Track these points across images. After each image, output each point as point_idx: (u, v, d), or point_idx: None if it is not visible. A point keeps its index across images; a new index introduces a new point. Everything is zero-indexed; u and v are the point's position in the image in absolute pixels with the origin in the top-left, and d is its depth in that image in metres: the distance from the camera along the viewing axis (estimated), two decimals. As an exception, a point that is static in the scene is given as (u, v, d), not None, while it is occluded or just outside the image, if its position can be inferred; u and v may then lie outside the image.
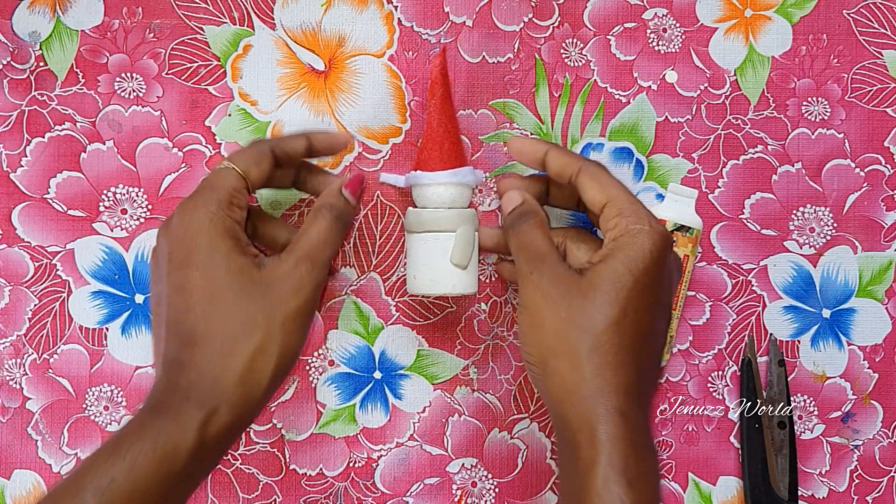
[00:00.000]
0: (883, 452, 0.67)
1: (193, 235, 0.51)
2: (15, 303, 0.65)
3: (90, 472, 0.46)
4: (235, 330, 0.50)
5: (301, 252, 0.53)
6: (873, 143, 0.67)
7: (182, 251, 0.52)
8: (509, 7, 0.66)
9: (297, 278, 0.52)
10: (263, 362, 0.51)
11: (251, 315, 0.50)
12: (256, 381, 0.51)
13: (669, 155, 0.66)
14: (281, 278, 0.52)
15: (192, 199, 0.53)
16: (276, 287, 0.51)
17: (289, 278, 0.52)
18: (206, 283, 0.51)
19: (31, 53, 0.65)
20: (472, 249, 0.59)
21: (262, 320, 0.51)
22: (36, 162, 0.65)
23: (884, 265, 0.67)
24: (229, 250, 0.51)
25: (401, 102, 0.65)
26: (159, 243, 0.54)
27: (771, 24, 0.66)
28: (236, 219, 0.53)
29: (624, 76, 0.66)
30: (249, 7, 0.65)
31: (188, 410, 0.48)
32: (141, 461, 0.47)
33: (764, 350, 0.67)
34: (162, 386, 0.50)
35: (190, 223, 0.52)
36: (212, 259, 0.51)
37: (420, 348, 0.66)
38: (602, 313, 0.50)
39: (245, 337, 0.50)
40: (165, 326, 0.52)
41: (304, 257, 0.53)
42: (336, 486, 0.66)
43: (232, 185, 0.54)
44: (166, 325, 0.52)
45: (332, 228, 0.55)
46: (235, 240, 0.52)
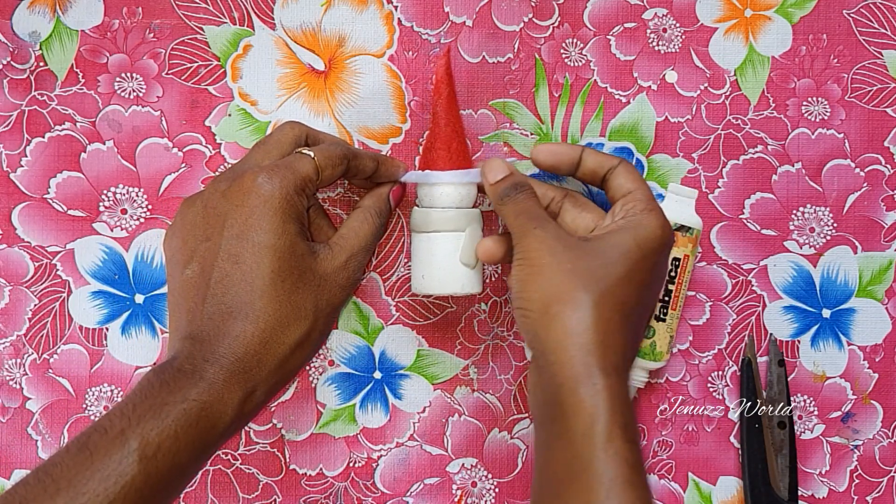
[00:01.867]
0: (883, 452, 0.67)
1: (265, 210, 0.51)
2: (15, 303, 0.65)
3: (134, 433, 0.46)
4: (289, 314, 0.51)
5: (352, 250, 0.55)
6: (873, 143, 0.67)
7: (247, 220, 0.51)
8: (509, 7, 0.66)
9: (346, 275, 0.54)
10: (301, 351, 0.52)
11: (303, 303, 0.52)
12: (291, 367, 0.52)
13: (669, 155, 0.66)
14: (335, 272, 0.54)
15: (268, 173, 0.53)
16: (329, 280, 0.53)
17: (340, 273, 0.54)
18: (269, 261, 0.51)
19: (31, 53, 0.65)
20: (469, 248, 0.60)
21: (311, 310, 0.52)
22: (36, 162, 0.65)
23: (884, 265, 0.67)
24: (296, 234, 0.52)
25: (401, 102, 0.65)
26: (214, 201, 0.53)
27: (771, 24, 0.66)
28: (305, 206, 0.54)
29: (624, 76, 0.66)
30: (249, 7, 0.65)
31: (231, 387, 0.49)
32: (183, 434, 0.47)
33: (764, 350, 0.67)
34: (191, 351, 0.50)
35: (263, 195, 0.52)
36: (280, 239, 0.51)
37: (420, 348, 0.66)
38: (608, 273, 0.51)
39: (296, 322, 0.51)
40: (208, 290, 0.51)
41: (354, 256, 0.55)
42: (336, 486, 0.66)
43: (308, 174, 0.54)
44: (209, 289, 0.51)
45: (377, 232, 0.58)
46: (301, 225, 0.53)
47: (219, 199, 0.53)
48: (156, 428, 0.46)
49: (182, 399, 0.48)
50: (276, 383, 0.52)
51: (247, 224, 0.51)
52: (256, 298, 0.50)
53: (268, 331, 0.51)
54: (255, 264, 0.51)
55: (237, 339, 0.50)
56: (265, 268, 0.51)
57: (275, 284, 0.51)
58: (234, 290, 0.51)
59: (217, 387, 0.49)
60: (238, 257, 0.51)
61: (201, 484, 0.65)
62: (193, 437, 0.47)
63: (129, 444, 0.45)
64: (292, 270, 0.52)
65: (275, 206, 0.52)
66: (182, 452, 0.47)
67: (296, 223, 0.52)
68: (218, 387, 0.49)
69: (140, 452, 0.45)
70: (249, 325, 0.50)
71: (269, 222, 0.51)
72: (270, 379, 0.51)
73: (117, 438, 0.46)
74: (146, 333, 0.65)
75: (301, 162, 0.54)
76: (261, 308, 0.50)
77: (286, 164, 0.54)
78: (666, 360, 0.64)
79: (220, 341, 0.50)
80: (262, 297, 0.51)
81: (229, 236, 0.52)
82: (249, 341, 0.50)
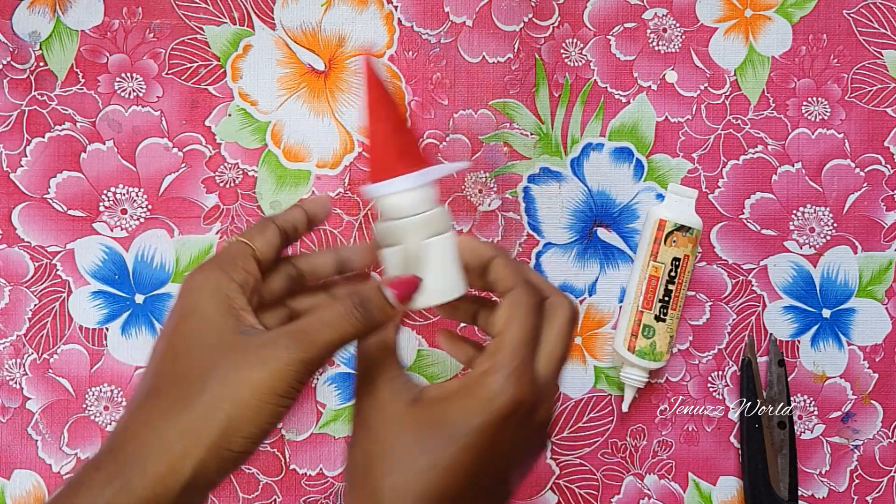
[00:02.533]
0: (883, 452, 0.67)
1: (187, 292, 0.47)
2: (15, 303, 0.65)
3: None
4: (182, 389, 0.43)
5: (291, 328, 0.44)
6: (873, 143, 0.67)
7: (174, 306, 0.47)
8: (509, 7, 0.66)
9: (268, 351, 0.43)
10: (202, 429, 0.42)
11: (204, 375, 0.43)
12: (184, 451, 0.42)
13: (669, 155, 0.66)
14: (253, 347, 0.44)
15: (200, 265, 0.49)
16: (242, 354, 0.43)
17: (260, 349, 0.43)
18: (177, 335, 0.45)
19: (31, 53, 0.65)
20: (448, 255, 0.50)
21: (216, 386, 0.43)
22: (36, 162, 0.65)
23: (884, 265, 0.67)
24: (213, 309, 0.45)
25: (401, 102, 0.65)
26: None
27: (771, 24, 0.66)
28: (238, 281, 0.47)
29: (624, 76, 0.66)
30: (249, 7, 0.65)
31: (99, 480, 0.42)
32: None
33: (764, 350, 0.67)
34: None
35: (189, 281, 0.47)
36: (192, 314, 0.46)
37: (420, 348, 0.66)
38: (414, 456, 0.43)
39: (189, 397, 0.43)
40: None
41: (290, 333, 0.44)
42: (336, 486, 0.66)
43: (236, 251, 0.48)
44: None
45: (346, 316, 0.45)
46: (225, 300, 0.46)
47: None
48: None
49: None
50: (163, 475, 0.43)
51: (173, 307, 0.47)
52: (156, 372, 0.46)
53: (156, 406, 0.45)
54: (164, 337, 0.47)
55: (127, 419, 0.46)
56: (170, 340, 0.46)
57: (174, 356, 0.46)
58: (147, 367, 0.47)
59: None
60: (159, 334, 0.47)
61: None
62: None
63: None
64: (196, 343, 0.45)
65: (194, 286, 0.46)
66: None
67: (215, 297, 0.46)
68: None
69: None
70: (141, 404, 0.46)
71: (187, 301, 0.46)
72: (154, 466, 0.43)
73: None
74: (146, 333, 0.65)
75: (226, 246, 0.49)
76: (156, 382, 0.46)
77: (213, 255, 0.51)
78: (666, 360, 0.64)
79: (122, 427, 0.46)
80: (159, 372, 0.46)
81: (164, 321, 0.49)
82: (135, 420, 0.45)
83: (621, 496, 0.66)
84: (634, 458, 0.66)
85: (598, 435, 0.66)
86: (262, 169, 0.65)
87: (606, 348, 0.66)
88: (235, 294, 0.46)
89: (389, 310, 0.46)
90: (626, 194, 0.66)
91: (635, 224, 0.66)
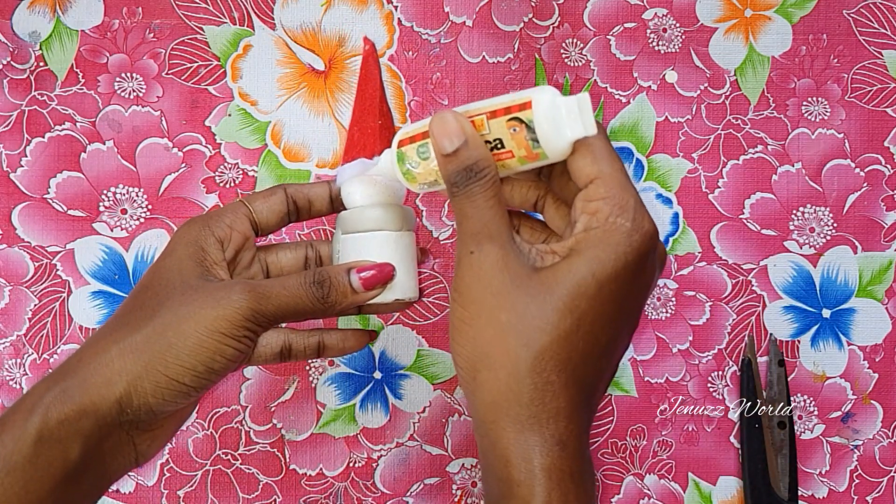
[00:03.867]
0: (883, 452, 0.67)
1: (171, 240, 0.49)
2: (15, 303, 0.65)
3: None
4: (135, 316, 0.45)
5: (250, 281, 0.46)
6: (873, 143, 0.67)
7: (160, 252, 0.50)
8: (509, 7, 0.66)
9: (221, 293, 0.45)
10: (142, 350, 0.44)
11: (158, 306, 0.45)
12: (121, 367, 0.44)
13: (669, 155, 0.66)
14: (210, 289, 0.45)
15: (193, 217, 0.50)
16: (197, 293, 0.45)
17: (215, 291, 0.45)
18: (148, 276, 0.47)
19: (31, 53, 0.65)
20: (406, 253, 0.49)
21: (165, 313, 0.44)
22: (36, 162, 0.65)
23: (884, 265, 0.67)
24: (186, 257, 0.47)
25: (401, 102, 0.65)
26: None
27: (771, 24, 0.66)
28: (218, 236, 0.48)
29: (624, 76, 0.66)
30: (249, 7, 0.65)
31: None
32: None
33: (764, 350, 0.67)
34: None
35: (177, 231, 0.49)
36: (166, 259, 0.48)
37: (420, 348, 0.66)
38: (551, 322, 0.41)
39: (138, 322, 0.45)
40: None
41: (246, 283, 0.45)
42: (336, 486, 0.66)
43: (230, 208, 0.49)
44: None
45: (302, 287, 0.46)
46: (199, 252, 0.47)
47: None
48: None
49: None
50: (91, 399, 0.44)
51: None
52: (119, 311, 0.48)
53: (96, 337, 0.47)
54: (138, 285, 0.49)
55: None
56: (140, 286, 0.48)
57: (132, 296, 0.48)
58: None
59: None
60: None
61: (201, 484, 0.65)
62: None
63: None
64: (159, 286, 0.47)
65: (176, 236, 0.48)
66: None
67: (189, 247, 0.47)
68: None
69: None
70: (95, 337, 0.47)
71: (165, 248, 0.48)
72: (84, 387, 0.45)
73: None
74: (146, 333, 0.65)
75: (228, 203, 0.51)
76: (115, 318, 0.48)
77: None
78: (411, 188, 0.48)
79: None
80: (121, 310, 0.48)
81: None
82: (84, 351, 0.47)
83: (621, 496, 0.66)
84: (634, 458, 0.66)
85: (598, 435, 0.66)
86: (262, 169, 0.65)
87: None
88: (212, 248, 0.47)
89: (350, 294, 0.47)
90: (626, 194, 0.66)
91: (635, 224, 0.66)
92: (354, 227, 0.48)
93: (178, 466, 0.65)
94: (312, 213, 0.51)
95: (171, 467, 0.65)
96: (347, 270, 0.47)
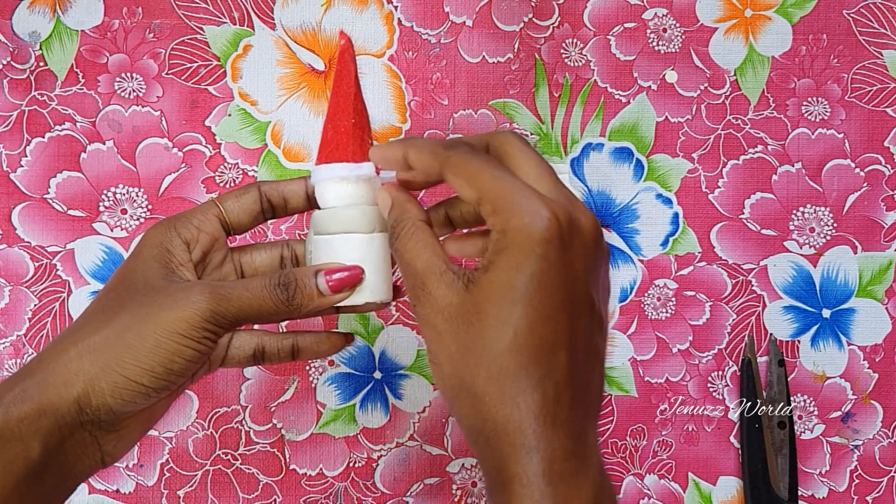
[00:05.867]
0: (883, 452, 0.67)
1: (139, 242, 0.48)
2: (15, 303, 0.65)
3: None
4: (97, 317, 0.45)
5: (213, 283, 0.46)
6: (873, 143, 0.67)
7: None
8: (509, 7, 0.66)
9: (181, 294, 0.44)
10: (100, 351, 0.44)
11: (119, 308, 0.45)
12: (79, 368, 0.44)
13: (669, 155, 0.66)
14: (172, 290, 0.45)
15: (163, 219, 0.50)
16: (158, 295, 0.45)
17: (176, 292, 0.45)
18: (114, 279, 0.47)
19: (31, 53, 0.65)
20: (377, 256, 0.48)
21: (124, 315, 0.44)
22: (36, 162, 0.65)
23: (884, 265, 0.67)
24: (152, 259, 0.47)
25: (401, 102, 0.65)
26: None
27: (771, 24, 0.66)
28: (185, 237, 0.48)
29: (624, 76, 0.66)
30: (249, 7, 0.65)
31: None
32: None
33: (764, 350, 0.67)
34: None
35: (145, 233, 0.49)
36: (132, 261, 0.47)
37: (420, 348, 0.66)
38: (492, 339, 0.40)
39: (98, 324, 0.45)
40: None
41: (207, 285, 0.45)
42: (336, 486, 0.66)
43: (200, 208, 0.49)
44: None
45: (265, 288, 0.45)
46: (164, 253, 0.47)
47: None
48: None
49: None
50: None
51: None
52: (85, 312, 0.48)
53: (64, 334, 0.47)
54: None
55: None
56: (105, 288, 0.48)
57: (100, 296, 0.48)
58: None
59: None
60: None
61: (201, 484, 0.65)
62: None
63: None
64: (118, 286, 0.47)
65: (143, 238, 0.48)
66: None
67: (154, 248, 0.47)
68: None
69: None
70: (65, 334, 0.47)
71: (132, 249, 0.49)
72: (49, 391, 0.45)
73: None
74: (146, 333, 0.65)
75: (199, 204, 0.50)
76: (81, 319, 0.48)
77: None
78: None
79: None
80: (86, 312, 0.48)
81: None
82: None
83: (621, 496, 0.66)
84: (634, 458, 0.66)
85: (598, 435, 0.66)
86: (262, 169, 0.65)
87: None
88: (177, 249, 0.47)
89: (317, 296, 0.46)
90: (626, 194, 0.66)
91: (635, 224, 0.66)
92: (326, 229, 0.48)
93: (178, 466, 0.65)
94: (289, 210, 0.51)
95: (171, 467, 0.65)
96: (315, 273, 0.46)
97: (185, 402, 0.65)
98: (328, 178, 0.48)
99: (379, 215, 0.48)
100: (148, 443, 0.65)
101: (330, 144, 0.48)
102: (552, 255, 0.40)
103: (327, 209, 0.48)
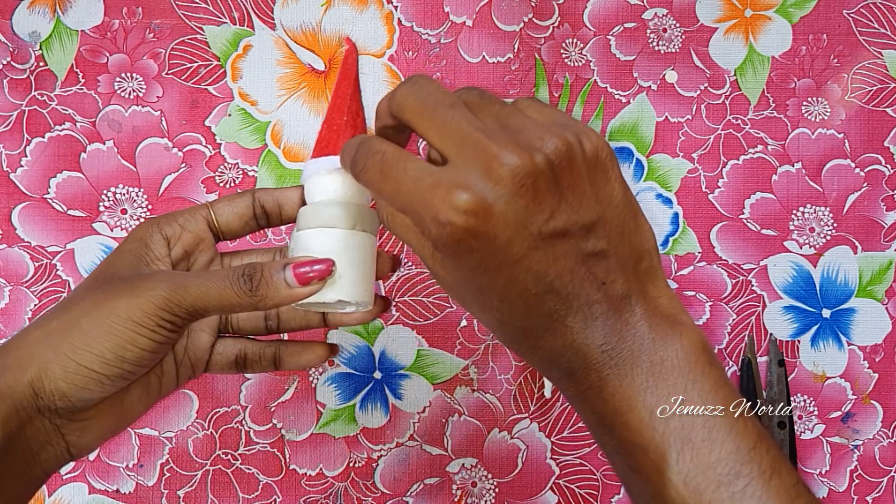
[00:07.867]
0: (883, 452, 0.67)
1: (125, 238, 0.49)
2: (15, 303, 0.65)
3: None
4: (62, 306, 0.45)
5: (175, 273, 0.45)
6: (873, 143, 0.67)
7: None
8: (509, 7, 0.66)
9: (142, 283, 0.44)
10: (55, 335, 0.44)
11: (83, 296, 0.45)
12: (35, 352, 0.44)
13: (669, 155, 0.66)
14: (135, 280, 0.45)
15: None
16: (121, 284, 0.45)
17: (138, 281, 0.44)
18: (95, 271, 0.48)
19: (31, 53, 0.65)
20: (359, 255, 0.47)
21: (84, 302, 0.44)
22: (36, 162, 0.65)
23: (884, 265, 0.67)
24: (129, 252, 0.47)
25: (401, 102, 0.65)
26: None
27: (771, 24, 0.66)
28: (166, 234, 0.48)
29: (624, 76, 0.66)
30: (249, 7, 0.65)
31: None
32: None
33: (764, 350, 0.67)
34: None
35: (132, 229, 0.49)
36: (113, 254, 0.48)
37: (420, 348, 0.66)
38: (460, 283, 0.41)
39: (61, 310, 0.45)
40: None
41: (169, 274, 0.45)
42: (336, 486, 0.66)
43: (190, 209, 0.49)
44: None
45: (228, 279, 0.44)
46: (142, 247, 0.47)
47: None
48: None
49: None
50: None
51: None
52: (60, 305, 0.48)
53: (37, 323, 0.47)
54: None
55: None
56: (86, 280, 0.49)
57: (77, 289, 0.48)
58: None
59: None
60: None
61: (201, 484, 0.65)
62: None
63: None
64: (97, 277, 0.47)
65: (130, 233, 0.49)
66: None
67: (133, 242, 0.48)
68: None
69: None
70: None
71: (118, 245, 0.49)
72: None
73: None
74: (146, 333, 0.65)
75: (189, 207, 0.51)
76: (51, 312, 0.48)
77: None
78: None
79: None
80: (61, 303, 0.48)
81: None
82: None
83: (621, 496, 0.66)
84: (634, 458, 0.66)
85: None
86: (262, 169, 0.65)
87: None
88: (156, 244, 0.47)
89: (283, 288, 0.45)
90: (626, 194, 0.66)
91: (635, 224, 0.66)
92: (307, 224, 0.46)
93: (178, 466, 0.65)
94: (284, 218, 0.50)
95: (171, 467, 0.65)
96: (284, 266, 0.45)
97: (185, 402, 0.65)
98: (315, 173, 0.47)
99: (365, 214, 0.47)
100: (148, 443, 0.65)
101: (322, 142, 0.48)
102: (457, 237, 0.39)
103: (311, 204, 0.47)
